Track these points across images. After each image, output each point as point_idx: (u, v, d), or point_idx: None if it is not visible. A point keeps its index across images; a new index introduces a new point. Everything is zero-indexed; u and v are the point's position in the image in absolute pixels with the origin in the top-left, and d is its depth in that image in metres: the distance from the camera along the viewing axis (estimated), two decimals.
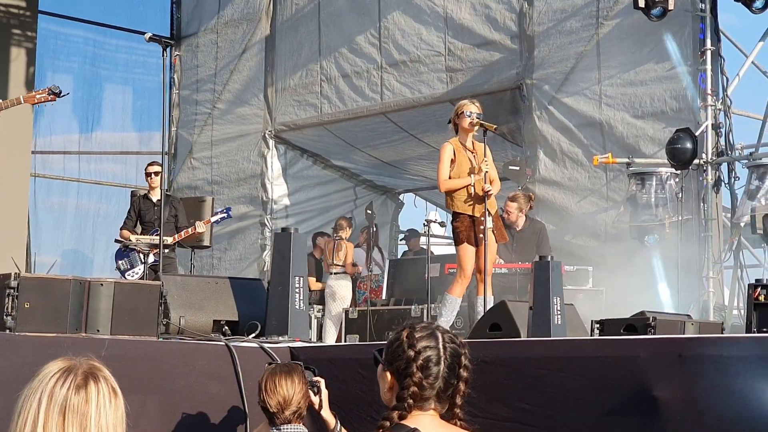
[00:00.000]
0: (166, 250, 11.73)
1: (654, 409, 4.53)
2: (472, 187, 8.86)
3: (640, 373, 4.64)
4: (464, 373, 3.34)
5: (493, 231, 8.98)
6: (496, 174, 9.07)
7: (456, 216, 8.97)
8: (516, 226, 11.47)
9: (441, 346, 3.33)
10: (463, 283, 8.95)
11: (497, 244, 9.28)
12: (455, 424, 3.34)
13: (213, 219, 12.33)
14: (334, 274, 13.83)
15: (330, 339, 13.12)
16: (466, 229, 8.83)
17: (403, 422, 3.26)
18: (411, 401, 3.28)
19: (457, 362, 3.33)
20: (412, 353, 3.30)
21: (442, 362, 3.31)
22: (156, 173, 11.91)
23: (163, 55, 8.50)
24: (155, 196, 11.90)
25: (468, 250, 8.83)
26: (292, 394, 5.13)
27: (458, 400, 3.33)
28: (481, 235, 8.83)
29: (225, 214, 12.36)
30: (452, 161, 8.88)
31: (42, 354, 5.10)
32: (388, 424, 3.26)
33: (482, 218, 8.82)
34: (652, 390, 4.55)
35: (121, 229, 11.99)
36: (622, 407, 4.66)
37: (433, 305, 11.23)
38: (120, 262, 11.71)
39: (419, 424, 3.26)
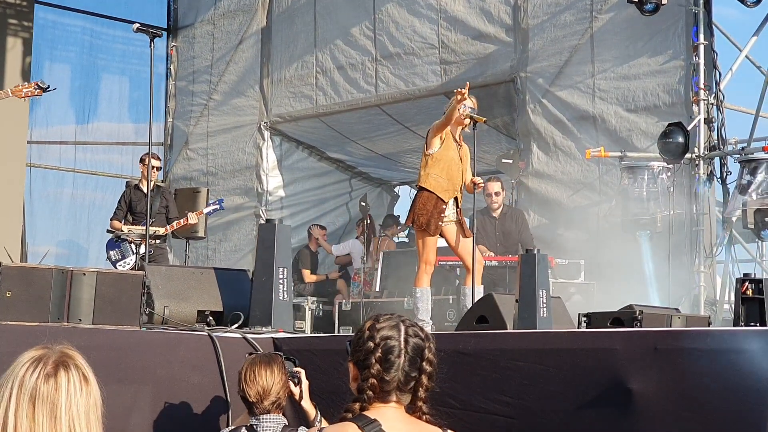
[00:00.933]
0: (158, 241, 11.77)
1: (629, 401, 4.55)
2: (449, 172, 8.82)
3: (616, 366, 4.65)
4: (427, 367, 3.31)
5: (459, 224, 8.92)
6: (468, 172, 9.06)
7: (421, 191, 8.87)
8: (493, 211, 11.50)
9: (402, 338, 3.31)
10: (429, 271, 8.90)
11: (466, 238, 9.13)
12: (419, 418, 3.34)
13: (206, 210, 12.36)
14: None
15: None
16: (428, 214, 8.74)
17: (365, 413, 3.26)
18: (371, 393, 3.26)
19: (420, 356, 3.30)
20: (371, 345, 3.28)
21: (402, 355, 3.29)
22: (157, 168, 11.99)
23: (150, 46, 8.48)
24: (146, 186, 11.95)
25: (430, 240, 8.78)
26: (272, 384, 5.14)
27: (421, 394, 3.30)
28: (441, 223, 8.79)
29: (218, 206, 12.39)
30: (442, 140, 8.86)
31: (23, 343, 5.10)
32: (349, 415, 3.26)
33: (444, 207, 8.78)
34: (628, 382, 4.57)
35: (111, 219, 12.00)
36: (599, 399, 4.68)
37: None
38: (111, 252, 11.73)
39: (381, 415, 3.25)
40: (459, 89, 8.58)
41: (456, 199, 8.89)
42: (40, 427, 2.67)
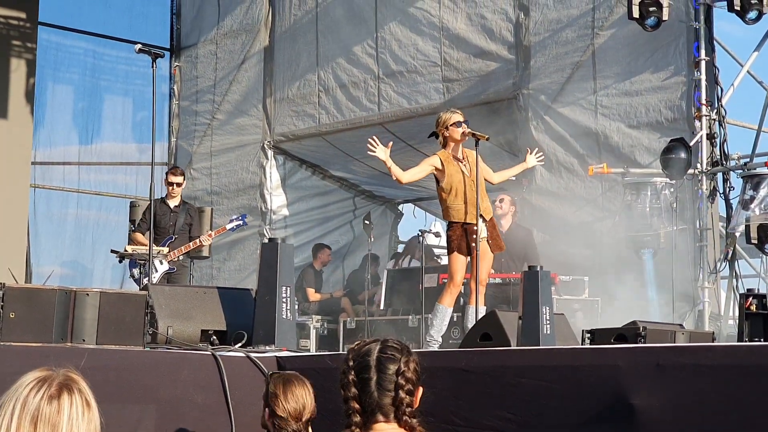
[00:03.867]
0: (181, 258, 11.72)
1: (632, 417, 4.54)
2: (464, 194, 8.86)
3: (618, 382, 4.65)
4: (402, 382, 3.32)
5: (488, 240, 8.93)
6: (488, 173, 9.10)
7: (450, 225, 8.95)
8: (502, 226, 11.48)
9: (374, 357, 3.35)
10: (454, 292, 8.92)
11: (493, 254, 9.19)
12: None
13: (228, 226, 12.17)
14: None
15: None
16: (457, 238, 8.78)
17: None
18: (356, 417, 3.30)
19: (395, 373, 3.33)
20: (345, 367, 3.36)
21: (374, 374, 3.32)
22: (178, 184, 11.97)
23: (152, 66, 8.50)
24: (173, 202, 11.94)
25: (459, 259, 8.79)
26: (310, 401, 5.08)
27: (404, 410, 3.32)
28: (474, 244, 8.80)
29: (240, 221, 12.21)
30: (441, 171, 8.90)
31: (27, 364, 5.09)
32: None
33: (475, 227, 8.79)
34: (631, 399, 4.57)
35: (134, 231, 11.96)
36: (601, 416, 4.68)
37: (429, 315, 11.23)
38: (134, 270, 11.64)
39: None
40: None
41: (483, 216, 8.89)
42: None
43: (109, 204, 17.38)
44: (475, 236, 8.78)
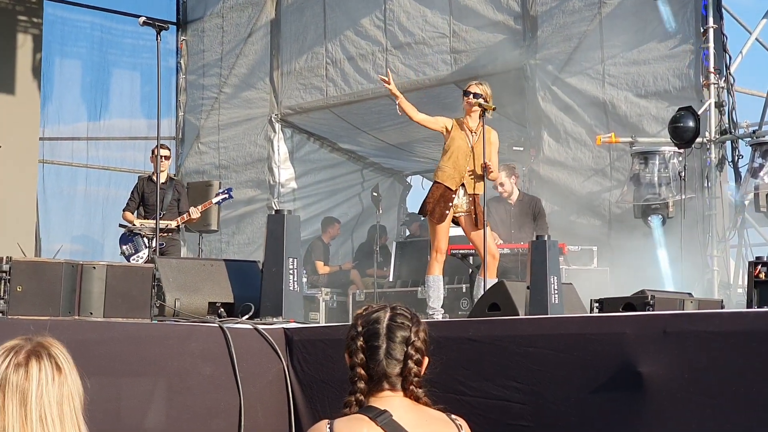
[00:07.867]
0: (171, 233, 11.76)
1: (639, 384, 4.54)
2: (460, 162, 8.89)
3: (626, 350, 4.64)
4: (412, 352, 3.30)
5: (473, 215, 8.94)
6: (495, 162, 9.08)
7: (433, 184, 9.09)
8: (510, 199, 11.46)
9: (384, 325, 3.32)
10: (440, 260, 8.99)
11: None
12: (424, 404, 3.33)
13: (215, 200, 12.25)
14: None
15: None
16: (433, 201, 8.88)
17: (374, 404, 3.26)
18: (361, 384, 3.28)
19: (405, 342, 3.30)
20: (354, 333, 3.33)
21: (384, 342, 3.30)
22: (166, 158, 11.96)
23: (156, 39, 8.48)
24: (160, 178, 11.93)
25: (437, 228, 8.88)
26: None
27: (411, 380, 3.30)
28: (447, 212, 8.84)
29: (226, 195, 12.28)
30: (448, 133, 8.97)
31: None
32: (347, 410, 3.27)
33: (453, 195, 8.85)
34: (638, 366, 4.56)
35: (123, 210, 11.97)
36: (609, 383, 4.67)
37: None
38: (125, 247, 11.68)
39: (389, 405, 3.25)
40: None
41: (465, 187, 8.92)
42: (10, 415, 2.69)
43: (118, 179, 17.37)
44: (450, 204, 8.85)
